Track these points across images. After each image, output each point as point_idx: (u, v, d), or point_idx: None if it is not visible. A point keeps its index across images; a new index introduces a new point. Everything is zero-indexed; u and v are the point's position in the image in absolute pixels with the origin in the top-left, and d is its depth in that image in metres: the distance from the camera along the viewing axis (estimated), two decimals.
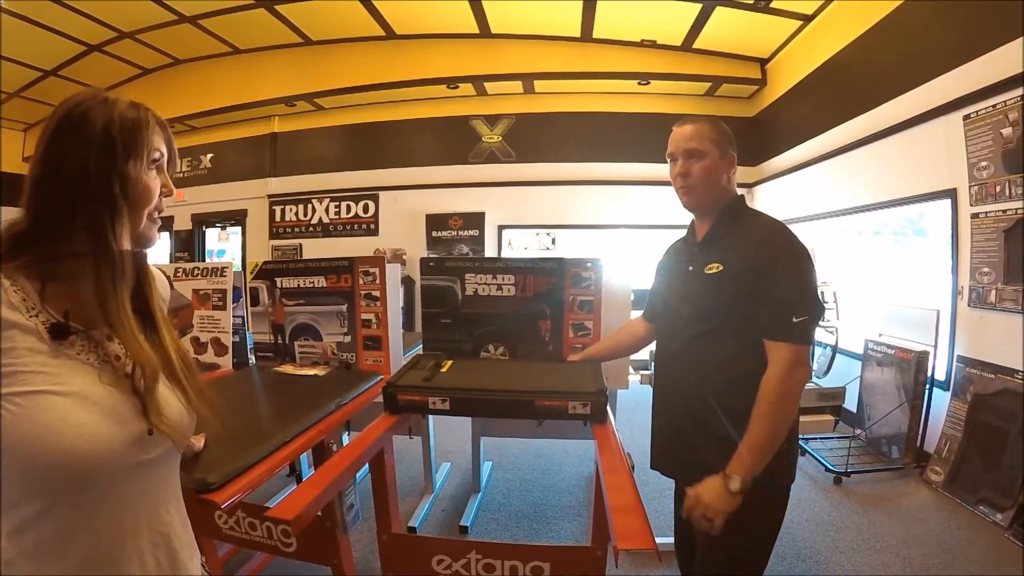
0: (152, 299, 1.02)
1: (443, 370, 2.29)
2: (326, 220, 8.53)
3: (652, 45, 6.93)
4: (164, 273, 3.02)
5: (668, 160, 1.76)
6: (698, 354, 1.66)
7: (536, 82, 7.63)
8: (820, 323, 1.70)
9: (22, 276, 0.85)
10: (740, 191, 1.79)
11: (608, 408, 1.99)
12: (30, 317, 0.83)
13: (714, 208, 1.72)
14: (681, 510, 1.93)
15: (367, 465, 2.18)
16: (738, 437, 1.52)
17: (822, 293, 5.05)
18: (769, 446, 1.49)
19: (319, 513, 2.05)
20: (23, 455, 0.77)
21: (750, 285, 1.55)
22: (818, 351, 5.25)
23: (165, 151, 0.97)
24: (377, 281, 2.87)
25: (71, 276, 0.88)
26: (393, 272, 2.98)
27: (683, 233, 1.91)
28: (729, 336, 1.60)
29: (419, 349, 3.02)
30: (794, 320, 1.50)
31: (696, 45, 6.82)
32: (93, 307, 0.90)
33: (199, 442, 1.58)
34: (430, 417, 3.47)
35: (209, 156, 9.11)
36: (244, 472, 1.63)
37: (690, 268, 1.73)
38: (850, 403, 4.63)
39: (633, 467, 1.77)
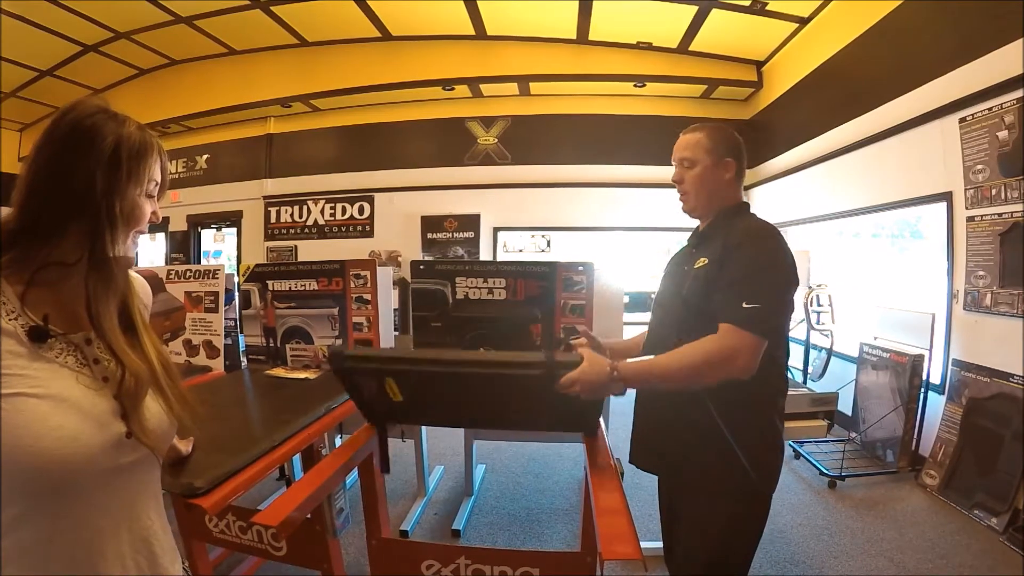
0: (133, 306, 1.02)
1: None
2: (321, 222, 8.51)
3: (648, 47, 6.93)
4: (156, 275, 3.00)
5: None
6: (677, 342, 1.61)
7: (532, 84, 7.63)
8: (784, 328, 1.61)
9: (2, 279, 0.85)
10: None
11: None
12: (9, 320, 0.83)
13: (713, 212, 1.76)
14: (667, 510, 1.91)
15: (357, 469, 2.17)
16: (719, 431, 1.55)
17: (814, 298, 5.03)
18: (656, 381, 1.55)
19: (308, 517, 2.04)
20: (2, 458, 0.77)
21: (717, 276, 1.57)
22: (813, 354, 5.25)
23: (159, 180, 1.00)
24: (368, 284, 2.86)
25: (55, 281, 0.89)
26: (384, 275, 2.97)
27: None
28: (711, 330, 1.54)
29: None
30: (744, 305, 1.46)
31: (692, 47, 6.82)
32: (73, 311, 0.90)
33: (187, 447, 1.57)
34: None
35: (205, 157, 9.09)
36: (231, 477, 1.62)
37: (685, 268, 1.74)
38: (845, 406, 4.63)
39: (622, 474, 1.75)
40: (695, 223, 1.86)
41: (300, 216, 8.59)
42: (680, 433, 1.64)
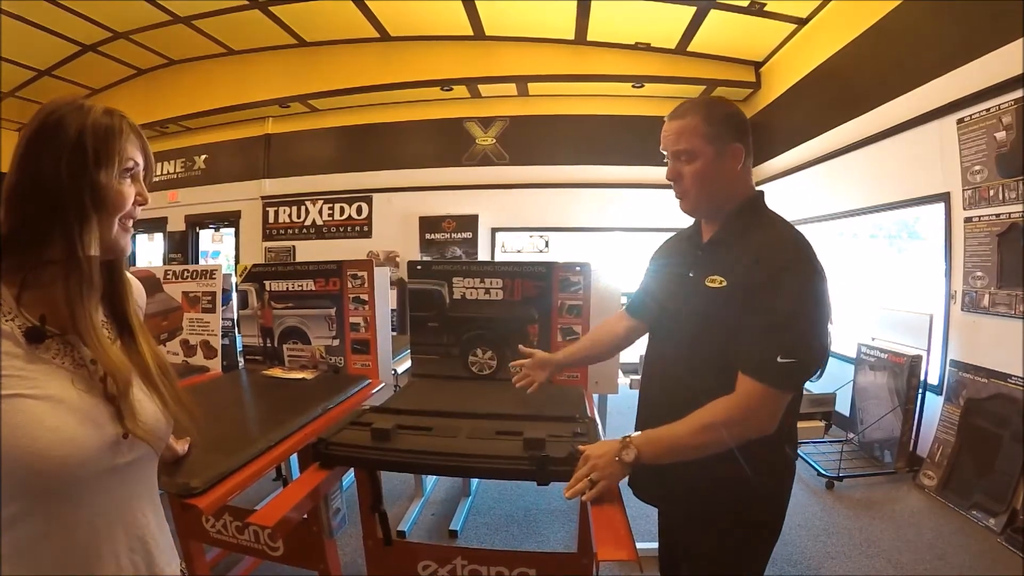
0: (129, 306, 1.03)
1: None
2: (320, 222, 8.51)
3: (646, 48, 6.93)
4: (154, 275, 3.02)
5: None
6: (691, 372, 1.46)
7: (530, 84, 7.62)
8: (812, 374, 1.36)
9: (1, 282, 0.86)
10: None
11: (596, 416, 1.97)
12: (6, 322, 0.84)
13: (721, 210, 1.50)
14: (666, 543, 1.79)
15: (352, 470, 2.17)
16: (727, 458, 1.33)
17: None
18: (678, 454, 1.36)
19: (305, 517, 2.04)
20: (0, 458, 0.77)
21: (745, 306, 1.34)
22: None
23: (140, 160, 0.98)
24: (365, 284, 2.86)
25: (48, 281, 0.89)
26: (382, 275, 2.97)
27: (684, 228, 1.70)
28: (726, 359, 1.36)
29: (408, 353, 3.01)
30: (779, 360, 1.27)
31: (691, 48, 6.82)
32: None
33: (183, 447, 1.57)
34: None
35: (203, 157, 9.07)
36: (228, 477, 1.63)
37: (690, 274, 1.50)
38: (843, 407, 4.62)
39: None
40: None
41: (298, 216, 8.58)
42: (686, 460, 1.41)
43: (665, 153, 1.51)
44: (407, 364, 3.27)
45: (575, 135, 7.87)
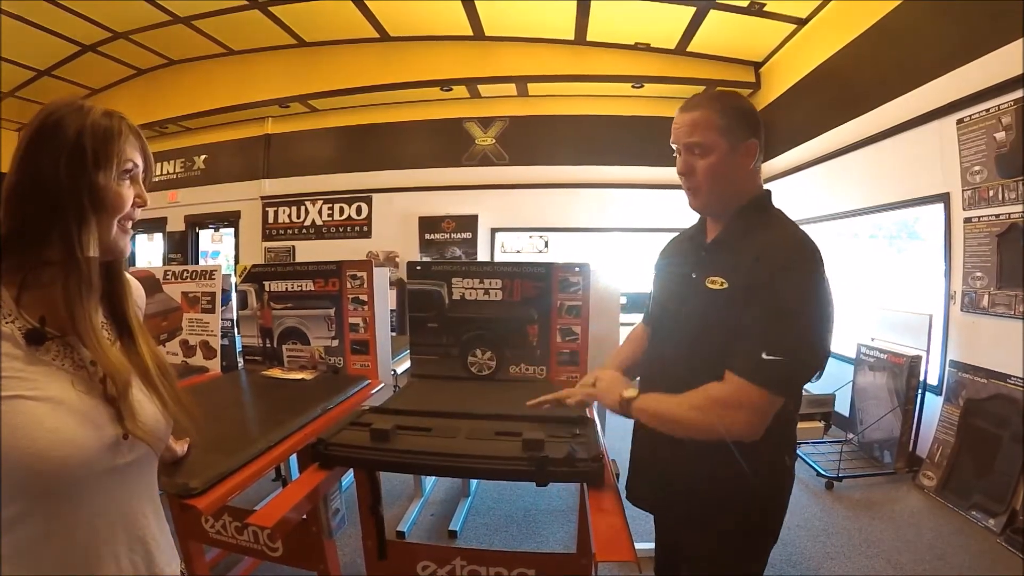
0: (128, 307, 1.03)
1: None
2: (319, 222, 8.51)
3: (646, 48, 6.93)
4: (153, 276, 3.02)
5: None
6: (691, 373, 1.39)
7: (530, 85, 7.63)
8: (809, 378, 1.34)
9: (1, 283, 0.86)
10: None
11: (595, 416, 1.97)
12: (6, 323, 0.84)
13: (729, 208, 1.46)
14: (662, 545, 1.78)
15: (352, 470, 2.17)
16: (726, 469, 1.32)
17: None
18: (663, 421, 1.38)
19: (304, 518, 2.04)
20: (0, 459, 0.77)
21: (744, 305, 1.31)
22: None
23: (140, 162, 0.98)
24: (365, 285, 2.85)
25: (48, 283, 0.89)
26: (381, 276, 2.96)
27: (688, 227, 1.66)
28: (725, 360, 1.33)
29: (407, 354, 3.01)
30: (764, 356, 1.23)
31: (690, 48, 6.82)
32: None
33: (182, 447, 1.57)
34: None
35: (203, 157, 9.07)
36: (227, 477, 1.63)
37: (693, 275, 1.46)
38: (842, 407, 4.62)
39: (618, 475, 1.74)
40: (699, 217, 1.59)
41: (298, 217, 8.58)
42: (684, 463, 1.42)
43: (675, 147, 1.46)
44: (406, 364, 3.27)
45: (575, 135, 7.86)
